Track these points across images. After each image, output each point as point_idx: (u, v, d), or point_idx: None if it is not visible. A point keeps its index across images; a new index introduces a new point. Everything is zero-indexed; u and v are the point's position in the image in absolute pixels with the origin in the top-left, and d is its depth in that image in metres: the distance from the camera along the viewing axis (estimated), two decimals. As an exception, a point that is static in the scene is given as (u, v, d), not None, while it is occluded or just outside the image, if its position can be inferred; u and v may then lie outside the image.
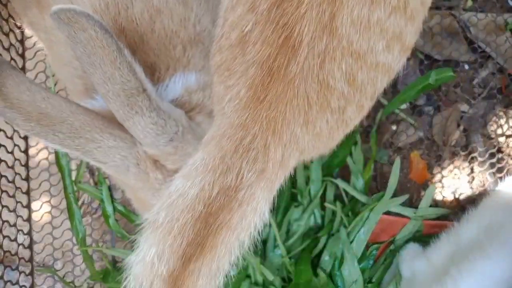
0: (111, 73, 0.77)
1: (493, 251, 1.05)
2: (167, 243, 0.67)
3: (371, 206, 1.32)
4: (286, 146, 0.72)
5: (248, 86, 0.72)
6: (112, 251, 1.42)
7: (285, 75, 0.70)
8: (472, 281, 1.02)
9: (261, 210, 0.70)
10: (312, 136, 0.74)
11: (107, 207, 1.42)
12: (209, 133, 0.75)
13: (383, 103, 1.45)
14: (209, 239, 0.67)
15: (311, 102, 0.72)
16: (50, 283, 1.46)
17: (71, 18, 0.73)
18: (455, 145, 1.46)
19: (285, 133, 0.71)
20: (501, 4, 1.51)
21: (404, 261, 1.26)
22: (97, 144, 0.83)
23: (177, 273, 0.66)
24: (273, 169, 0.71)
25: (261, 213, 0.71)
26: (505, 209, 1.21)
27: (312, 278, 1.28)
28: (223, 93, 0.75)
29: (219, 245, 0.67)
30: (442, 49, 1.46)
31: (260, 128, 0.71)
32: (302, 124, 0.72)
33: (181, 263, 0.66)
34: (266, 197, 0.71)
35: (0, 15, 1.38)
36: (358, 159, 1.37)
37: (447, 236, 1.19)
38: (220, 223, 0.67)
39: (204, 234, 0.67)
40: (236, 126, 0.71)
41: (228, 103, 0.73)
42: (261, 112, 0.71)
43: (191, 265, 0.66)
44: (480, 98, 1.47)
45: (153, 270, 0.66)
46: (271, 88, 0.71)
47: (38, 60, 1.47)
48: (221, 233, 0.67)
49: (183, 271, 0.66)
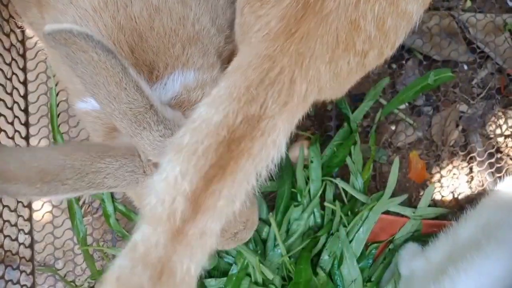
0: (116, 93, 0.75)
1: (490, 250, 1.06)
2: (191, 163, 0.67)
3: (370, 206, 1.33)
4: (310, 81, 0.72)
5: (280, 17, 0.71)
6: (112, 250, 1.43)
7: (320, 10, 0.71)
8: (469, 280, 1.03)
9: (280, 142, 0.71)
10: (332, 75, 0.75)
11: (108, 206, 1.42)
12: (233, 63, 0.74)
13: (382, 103, 1.46)
14: (231, 163, 0.67)
15: (339, 41, 0.72)
16: (51, 283, 1.47)
17: (68, 40, 0.70)
18: (454, 145, 1.46)
19: (311, 68, 0.71)
20: (500, 5, 1.51)
21: (403, 260, 1.27)
22: (105, 172, 0.82)
23: (199, 192, 0.67)
24: (297, 103, 0.71)
25: (280, 146, 0.71)
26: (503, 208, 1.22)
27: (312, 277, 1.29)
28: (253, 23, 0.74)
29: (239, 170, 0.68)
30: (441, 50, 1.47)
31: (288, 62, 0.70)
32: (327, 62, 0.73)
33: (204, 183, 0.67)
34: (286, 130, 0.72)
35: (1, 16, 1.38)
36: (357, 159, 1.38)
37: (446, 235, 1.20)
38: (241, 150, 0.68)
39: (226, 158, 0.67)
40: (263, 57, 0.71)
41: (256, 33, 0.73)
42: (291, 45, 0.71)
43: (213, 185, 0.67)
44: (479, 98, 1.47)
45: (176, 187, 0.67)
46: (304, 21, 0.71)
47: (39, 61, 1.47)
48: (242, 159, 0.68)
49: (205, 190, 0.67)
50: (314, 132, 1.46)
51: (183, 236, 0.67)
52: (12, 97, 1.41)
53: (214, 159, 0.67)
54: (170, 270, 0.66)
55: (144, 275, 0.66)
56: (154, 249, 0.66)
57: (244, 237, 1.02)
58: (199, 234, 0.67)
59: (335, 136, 1.41)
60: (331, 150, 1.40)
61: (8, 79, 1.40)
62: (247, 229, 1.00)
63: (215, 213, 0.68)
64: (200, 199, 0.67)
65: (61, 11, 0.95)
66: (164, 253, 0.66)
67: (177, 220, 0.66)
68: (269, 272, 1.27)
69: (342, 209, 1.35)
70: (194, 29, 0.97)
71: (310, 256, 1.31)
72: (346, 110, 1.42)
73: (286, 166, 1.38)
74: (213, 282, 1.33)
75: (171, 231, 0.66)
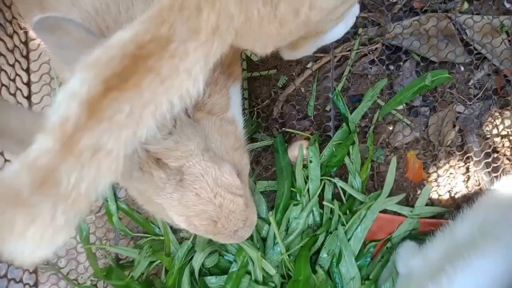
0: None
1: (487, 248, 1.07)
2: (92, 71, 0.66)
3: (368, 205, 1.35)
4: (220, 16, 0.71)
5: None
6: (115, 248, 1.44)
7: None
8: (467, 278, 1.04)
9: (195, 74, 0.70)
10: (245, 18, 0.74)
11: (111, 205, 1.44)
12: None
13: (380, 104, 1.48)
14: (134, 76, 0.66)
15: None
16: (53, 281, 1.48)
17: (54, 25, 0.72)
18: (450, 145, 1.47)
19: (218, 1, 0.71)
20: (497, 7, 1.52)
21: (400, 259, 1.28)
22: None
23: (97, 99, 0.64)
24: (208, 34, 0.71)
25: (196, 78, 0.70)
26: (499, 207, 1.23)
27: (311, 275, 1.30)
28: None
29: (144, 87, 0.66)
30: (438, 51, 1.48)
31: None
32: (237, 2, 0.72)
33: (103, 90, 0.65)
34: (202, 64, 0.71)
35: (4, 17, 1.39)
36: (355, 158, 1.39)
37: (443, 234, 1.21)
38: (149, 68, 0.67)
39: (130, 71, 0.66)
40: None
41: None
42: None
43: (111, 94, 0.65)
44: (475, 99, 1.48)
45: (73, 94, 0.65)
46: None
47: (42, 62, 1.49)
48: (148, 76, 0.67)
49: (102, 99, 0.64)
50: (313, 132, 1.48)
51: (74, 145, 0.64)
52: (15, 98, 1.42)
53: (117, 70, 0.66)
54: (55, 180, 0.64)
55: (26, 180, 0.63)
56: (43, 156, 0.64)
57: (244, 235, 1.03)
58: (93, 149, 0.64)
59: (334, 136, 1.43)
60: (330, 150, 1.41)
61: (12, 80, 1.42)
62: (247, 227, 1.01)
63: (112, 127, 0.65)
64: (97, 108, 0.64)
65: (64, 14, 0.95)
66: (52, 161, 0.64)
67: (69, 126, 0.64)
68: (271, 267, 1.28)
69: (341, 208, 1.36)
70: None
71: (309, 254, 1.33)
72: (345, 111, 1.43)
73: (285, 166, 1.40)
74: (214, 280, 1.34)
75: (63, 138, 0.64)
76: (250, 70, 1.51)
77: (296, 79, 1.51)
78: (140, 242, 1.43)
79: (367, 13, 1.53)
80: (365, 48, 1.50)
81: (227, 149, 0.96)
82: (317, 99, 1.50)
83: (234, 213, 0.94)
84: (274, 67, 1.52)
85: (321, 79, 1.51)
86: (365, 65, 1.51)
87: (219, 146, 0.95)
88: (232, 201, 0.93)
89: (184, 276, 1.32)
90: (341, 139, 1.42)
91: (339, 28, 1.42)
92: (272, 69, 1.52)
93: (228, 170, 0.92)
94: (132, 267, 1.39)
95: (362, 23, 1.53)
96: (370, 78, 1.50)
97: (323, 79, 1.51)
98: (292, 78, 1.52)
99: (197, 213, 0.92)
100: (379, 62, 1.50)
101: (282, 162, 1.40)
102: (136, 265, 1.38)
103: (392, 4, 1.53)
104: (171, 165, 0.88)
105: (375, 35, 1.51)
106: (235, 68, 1.12)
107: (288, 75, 1.52)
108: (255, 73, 1.51)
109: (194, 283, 1.34)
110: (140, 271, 1.38)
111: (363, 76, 1.51)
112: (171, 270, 1.33)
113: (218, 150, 0.95)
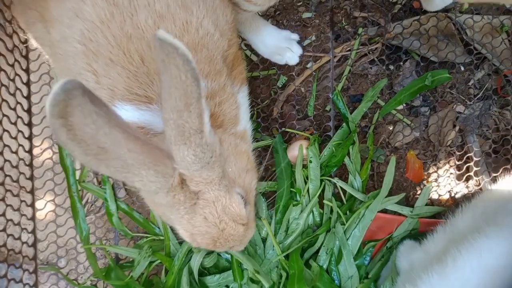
0: (182, 110, 0.80)
1: (491, 230, 1.06)
2: None
3: (367, 204, 1.34)
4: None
5: None
6: (115, 248, 1.44)
7: None
8: (471, 257, 1.03)
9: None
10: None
11: (111, 205, 1.44)
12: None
13: (380, 104, 1.48)
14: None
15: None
16: (53, 281, 1.48)
17: (170, 53, 0.74)
18: (450, 145, 1.47)
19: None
20: (497, 7, 1.52)
21: (401, 255, 1.27)
22: (140, 179, 0.85)
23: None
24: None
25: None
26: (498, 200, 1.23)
27: (303, 267, 1.29)
28: None
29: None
30: (438, 51, 1.48)
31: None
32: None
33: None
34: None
35: (3, 17, 1.39)
36: (355, 158, 1.39)
37: (443, 228, 1.21)
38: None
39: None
40: None
41: None
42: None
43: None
44: (475, 99, 1.48)
45: None
46: None
47: (42, 62, 1.49)
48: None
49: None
50: (313, 132, 1.47)
51: None
52: (15, 97, 1.42)
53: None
54: None
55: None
56: None
57: (238, 249, 1.06)
58: None
59: (334, 136, 1.43)
60: (330, 150, 1.41)
61: (11, 80, 1.41)
62: (242, 244, 1.05)
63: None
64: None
65: (67, 25, 0.96)
66: None
67: None
68: (265, 281, 1.29)
69: (341, 208, 1.36)
70: (199, 35, 0.98)
71: (300, 249, 1.33)
72: (345, 111, 1.43)
73: (285, 166, 1.39)
74: (214, 279, 1.34)
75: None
76: (250, 70, 1.51)
77: (296, 79, 1.51)
78: (140, 242, 1.43)
79: (367, 13, 1.53)
80: (365, 48, 1.50)
81: (240, 171, 1.01)
82: (317, 99, 1.50)
83: (233, 236, 1.00)
84: (274, 67, 1.52)
85: (321, 79, 1.51)
86: (365, 65, 1.51)
87: (234, 170, 0.99)
88: (234, 228, 0.98)
89: (183, 276, 1.32)
90: (341, 139, 1.42)
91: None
92: (272, 69, 1.52)
93: (237, 201, 0.97)
94: (132, 267, 1.39)
95: (362, 23, 1.53)
96: (370, 78, 1.50)
97: (323, 79, 1.51)
98: (292, 78, 1.52)
99: (202, 233, 0.97)
100: (379, 62, 1.50)
101: (282, 162, 1.40)
102: (136, 265, 1.38)
103: (392, 4, 1.53)
104: (191, 188, 0.92)
105: (375, 35, 1.51)
106: (240, 69, 1.12)
107: (288, 75, 1.52)
108: (255, 73, 1.51)
109: (194, 283, 1.34)
110: (140, 271, 1.38)
111: (363, 76, 1.51)
112: (171, 270, 1.34)
113: (233, 174, 0.99)
